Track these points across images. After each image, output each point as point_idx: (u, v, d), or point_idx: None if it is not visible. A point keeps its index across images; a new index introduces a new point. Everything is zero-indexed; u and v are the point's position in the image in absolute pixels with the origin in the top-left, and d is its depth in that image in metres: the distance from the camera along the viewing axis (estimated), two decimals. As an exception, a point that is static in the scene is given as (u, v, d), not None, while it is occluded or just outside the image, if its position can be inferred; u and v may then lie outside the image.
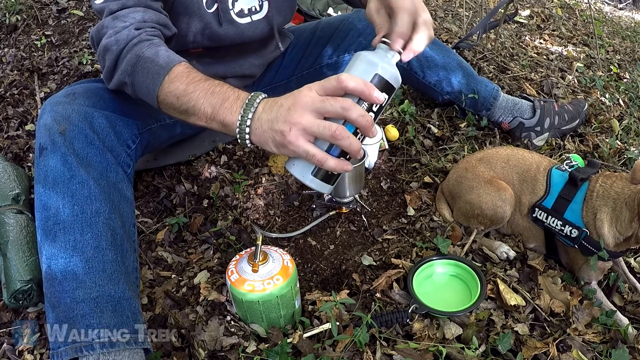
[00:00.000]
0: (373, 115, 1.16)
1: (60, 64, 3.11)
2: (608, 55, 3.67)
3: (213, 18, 1.80)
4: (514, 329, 1.55)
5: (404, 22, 1.29)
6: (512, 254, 1.80)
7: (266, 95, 1.23)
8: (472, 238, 1.85)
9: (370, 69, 1.16)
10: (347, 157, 1.17)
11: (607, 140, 2.41)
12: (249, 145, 1.22)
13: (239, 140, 1.21)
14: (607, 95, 2.85)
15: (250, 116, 1.19)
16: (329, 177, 1.18)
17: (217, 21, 1.80)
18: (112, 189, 1.46)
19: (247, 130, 1.19)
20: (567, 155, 2.07)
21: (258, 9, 1.91)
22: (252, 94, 1.22)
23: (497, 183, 1.82)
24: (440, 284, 1.72)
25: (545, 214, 1.73)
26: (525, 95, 2.51)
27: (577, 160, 1.83)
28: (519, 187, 1.82)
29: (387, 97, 1.17)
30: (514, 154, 1.90)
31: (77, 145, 1.44)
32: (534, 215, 1.77)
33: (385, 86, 1.17)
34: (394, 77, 1.18)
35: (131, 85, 1.43)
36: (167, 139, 1.99)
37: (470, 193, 1.85)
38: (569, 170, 1.72)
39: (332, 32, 2.30)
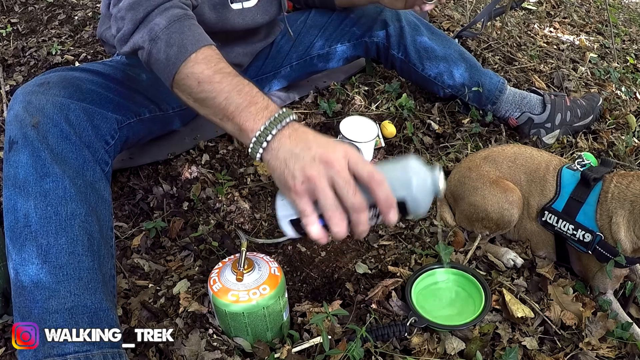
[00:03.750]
0: (375, 220, 1.16)
1: (27, 54, 3.10)
2: (624, 45, 3.70)
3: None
4: (522, 343, 1.56)
5: None
6: (519, 261, 1.81)
7: (296, 117, 1.21)
8: (475, 244, 1.86)
9: (405, 184, 1.13)
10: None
11: (623, 137, 2.42)
12: (257, 158, 1.19)
13: (250, 151, 1.19)
14: (623, 89, 2.87)
15: (274, 132, 1.16)
16: (303, 231, 1.17)
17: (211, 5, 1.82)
18: (89, 188, 1.45)
19: (265, 145, 1.17)
20: (579, 153, 2.08)
21: None
22: (284, 110, 1.20)
23: (504, 184, 1.82)
24: (441, 294, 1.72)
25: (556, 218, 1.74)
26: (534, 88, 2.52)
27: (590, 159, 1.84)
28: (527, 189, 1.83)
29: (400, 216, 1.16)
30: (522, 153, 1.91)
31: (52, 139, 1.42)
32: (543, 219, 1.77)
33: (403, 209, 1.15)
34: (418, 204, 1.15)
35: (148, 53, 1.39)
36: (146, 135, 1.99)
37: (475, 194, 1.85)
38: (581, 169, 1.73)
39: (325, 21, 2.31)
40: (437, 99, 2.59)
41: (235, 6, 1.89)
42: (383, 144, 2.34)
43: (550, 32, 3.70)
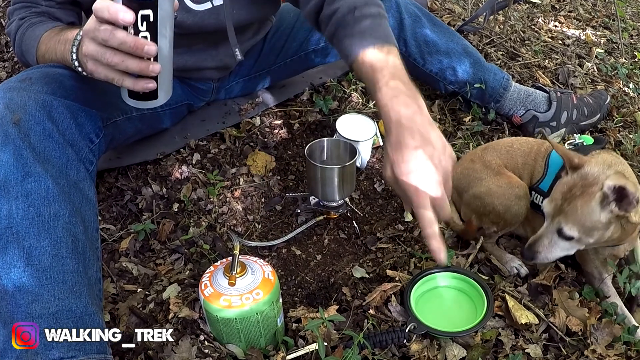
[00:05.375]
0: (148, 34, 1.26)
1: (10, 49, 3.09)
2: (632, 40, 3.70)
3: None
4: (525, 350, 1.56)
5: None
6: (523, 271, 1.81)
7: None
8: (478, 246, 1.86)
9: None
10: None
11: (631, 136, 2.43)
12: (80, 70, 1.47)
13: (81, 72, 1.48)
14: (631, 85, 2.87)
15: (75, 50, 1.46)
16: (144, 95, 1.37)
17: None
18: (73, 188, 1.45)
19: (77, 64, 1.47)
20: (575, 135, 2.08)
21: None
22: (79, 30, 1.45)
23: (509, 176, 1.83)
24: (442, 299, 1.72)
25: (542, 198, 1.75)
26: (539, 85, 2.52)
27: (584, 140, 1.87)
28: (521, 171, 1.86)
29: (148, 11, 1.24)
30: (518, 139, 1.98)
31: (34, 137, 1.42)
32: (530, 199, 1.78)
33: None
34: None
35: (28, 63, 1.74)
36: (133, 134, 1.99)
37: (479, 185, 1.86)
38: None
39: (320, 14, 2.31)
40: (437, 96, 2.59)
41: (201, 7, 1.87)
42: (381, 143, 2.34)
43: (555, 26, 3.71)
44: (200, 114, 2.40)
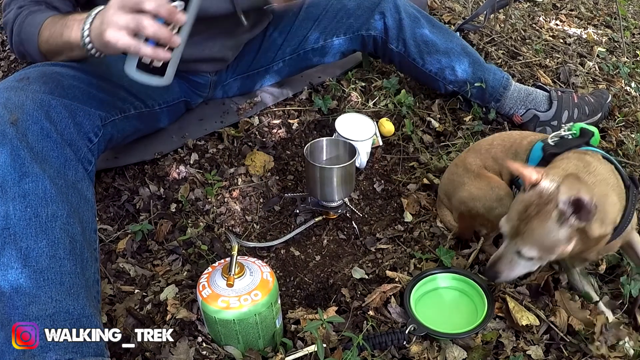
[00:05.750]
0: (183, 3, 1.42)
1: (7, 48, 3.09)
2: (634, 39, 3.71)
3: None
4: (527, 352, 1.56)
5: None
6: None
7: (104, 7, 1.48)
8: (478, 247, 1.86)
9: None
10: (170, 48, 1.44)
11: (633, 135, 2.43)
12: (97, 56, 1.55)
13: (88, 53, 1.54)
14: (632, 85, 2.88)
15: (88, 27, 1.49)
16: (155, 69, 1.48)
17: None
18: (71, 189, 1.45)
19: (88, 40, 1.50)
20: (564, 125, 2.04)
21: None
22: (93, 9, 1.51)
23: (488, 177, 1.82)
24: (442, 300, 1.73)
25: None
26: (540, 84, 2.52)
27: (575, 129, 1.78)
28: (501, 167, 1.85)
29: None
30: (500, 135, 1.95)
31: (31, 137, 1.42)
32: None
33: None
34: None
35: (27, 53, 1.74)
36: (132, 133, 1.99)
37: (462, 190, 1.86)
38: (551, 143, 1.71)
39: (319, 13, 2.30)
40: (437, 96, 2.59)
41: None
42: (381, 143, 2.34)
43: (557, 25, 3.71)
44: (198, 113, 2.40)
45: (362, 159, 2.22)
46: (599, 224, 1.45)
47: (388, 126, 2.37)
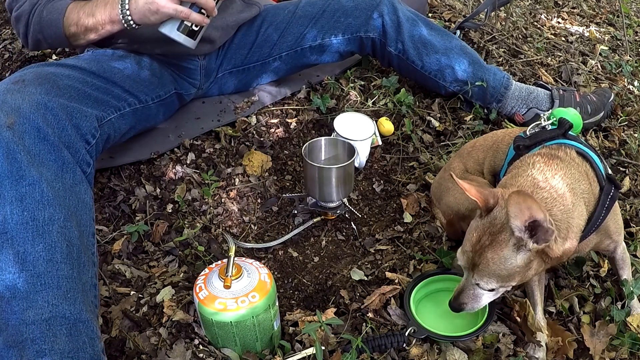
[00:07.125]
0: None
1: (0, 46, 3.09)
2: (637, 37, 3.71)
3: None
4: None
5: None
6: None
7: None
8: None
9: None
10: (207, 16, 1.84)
11: (636, 135, 2.43)
12: (135, 27, 1.82)
13: (126, 25, 1.81)
14: (635, 83, 2.88)
15: (127, 1, 1.76)
16: (192, 32, 1.85)
17: None
18: (68, 192, 1.46)
19: (128, 13, 1.77)
20: (543, 113, 2.00)
21: None
22: None
23: (470, 180, 1.81)
24: (442, 303, 1.72)
25: None
26: (541, 82, 2.53)
27: (556, 114, 1.71)
28: (482, 167, 1.86)
29: None
30: (484, 136, 1.96)
31: (28, 140, 1.42)
32: None
33: None
34: None
35: (44, 39, 1.90)
36: (127, 131, 1.99)
37: (447, 195, 1.88)
38: (528, 135, 1.67)
39: (316, 11, 2.31)
40: (437, 95, 2.59)
41: None
42: (380, 142, 2.34)
43: (558, 23, 3.71)
44: (195, 111, 2.39)
45: (361, 159, 2.22)
46: (561, 241, 1.39)
47: (387, 125, 2.37)
